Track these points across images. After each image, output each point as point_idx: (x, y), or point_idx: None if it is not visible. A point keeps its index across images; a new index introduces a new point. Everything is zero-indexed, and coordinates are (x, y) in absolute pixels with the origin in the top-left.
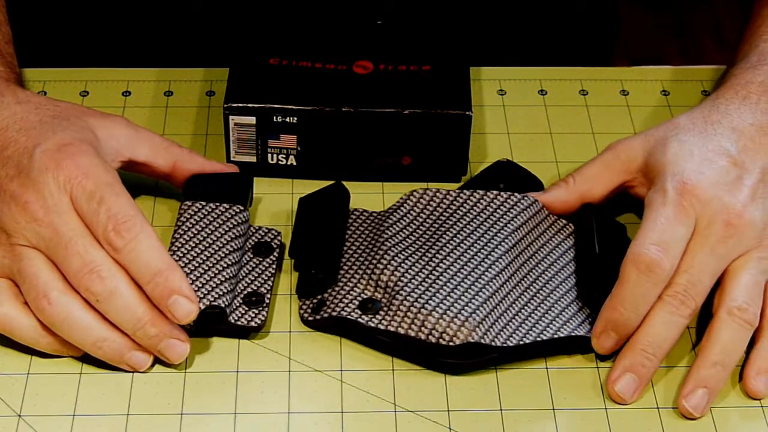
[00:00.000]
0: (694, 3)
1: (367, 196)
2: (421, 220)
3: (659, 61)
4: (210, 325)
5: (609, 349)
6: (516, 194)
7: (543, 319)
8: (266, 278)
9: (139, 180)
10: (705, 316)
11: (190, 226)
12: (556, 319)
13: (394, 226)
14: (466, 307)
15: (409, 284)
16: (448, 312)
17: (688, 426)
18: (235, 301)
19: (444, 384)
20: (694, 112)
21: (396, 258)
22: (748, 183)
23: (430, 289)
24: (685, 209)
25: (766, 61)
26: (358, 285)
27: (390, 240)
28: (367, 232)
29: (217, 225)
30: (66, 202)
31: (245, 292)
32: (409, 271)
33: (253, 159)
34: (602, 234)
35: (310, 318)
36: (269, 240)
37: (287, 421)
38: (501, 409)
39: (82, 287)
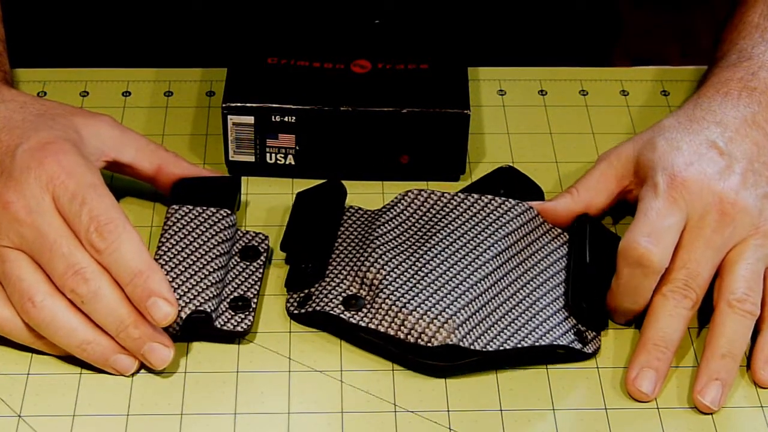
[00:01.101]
0: (694, 3)
1: (366, 196)
2: (413, 220)
3: (659, 61)
4: (196, 329)
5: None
6: (510, 200)
7: (526, 326)
8: (253, 282)
9: (135, 182)
10: (706, 312)
11: (177, 229)
12: (540, 326)
13: (386, 224)
14: (447, 309)
15: (393, 283)
16: (428, 313)
17: (688, 426)
18: (222, 306)
19: (444, 384)
20: (678, 112)
21: (383, 256)
22: (738, 171)
23: (413, 288)
24: (676, 201)
25: (745, 58)
26: (344, 281)
27: (380, 238)
28: (359, 229)
29: (204, 229)
30: (48, 202)
31: (231, 297)
32: (395, 270)
33: (252, 159)
34: (595, 244)
35: (296, 311)
36: (256, 244)
37: (287, 421)
38: (501, 409)
39: (67, 288)
